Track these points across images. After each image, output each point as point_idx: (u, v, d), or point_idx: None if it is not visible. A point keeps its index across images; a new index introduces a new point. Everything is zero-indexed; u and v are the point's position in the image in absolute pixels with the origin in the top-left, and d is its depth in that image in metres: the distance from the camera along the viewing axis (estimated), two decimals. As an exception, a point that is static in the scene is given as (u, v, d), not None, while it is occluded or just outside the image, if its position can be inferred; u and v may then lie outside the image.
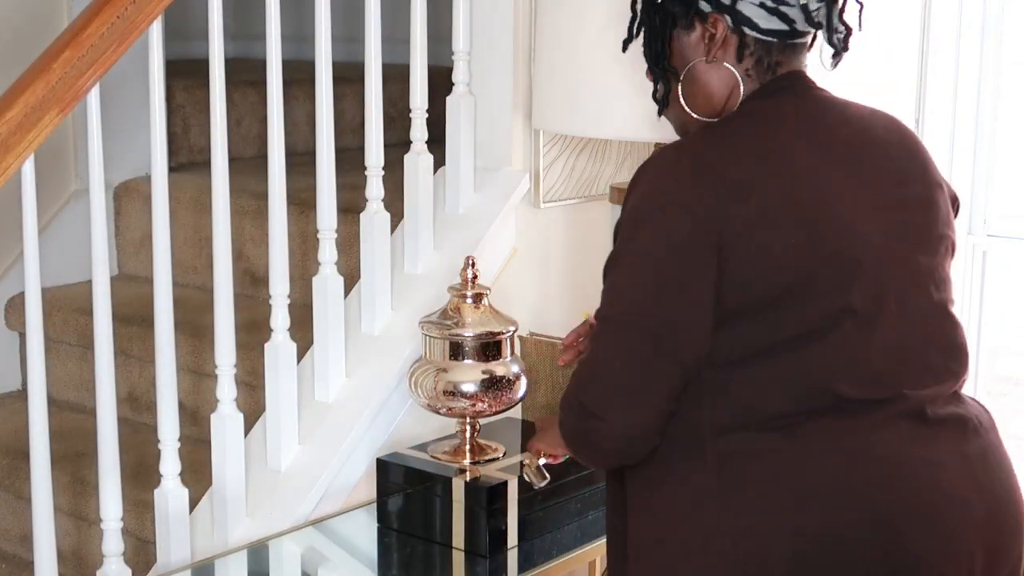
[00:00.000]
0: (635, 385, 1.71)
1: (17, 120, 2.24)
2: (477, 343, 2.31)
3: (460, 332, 2.31)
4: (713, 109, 1.85)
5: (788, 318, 1.69)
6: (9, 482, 2.98)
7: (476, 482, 2.28)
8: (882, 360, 1.73)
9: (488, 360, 2.31)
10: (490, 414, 2.35)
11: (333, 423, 2.59)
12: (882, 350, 1.73)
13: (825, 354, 1.69)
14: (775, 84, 1.82)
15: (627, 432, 1.72)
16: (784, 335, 1.69)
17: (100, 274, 2.36)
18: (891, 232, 1.77)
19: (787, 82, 1.83)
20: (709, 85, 1.84)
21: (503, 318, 2.35)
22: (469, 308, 2.32)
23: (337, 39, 2.61)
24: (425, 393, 2.33)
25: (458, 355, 2.31)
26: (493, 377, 2.31)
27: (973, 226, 3.78)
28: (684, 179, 1.70)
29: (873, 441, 1.70)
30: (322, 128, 2.58)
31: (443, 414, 2.35)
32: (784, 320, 1.69)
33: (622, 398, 1.71)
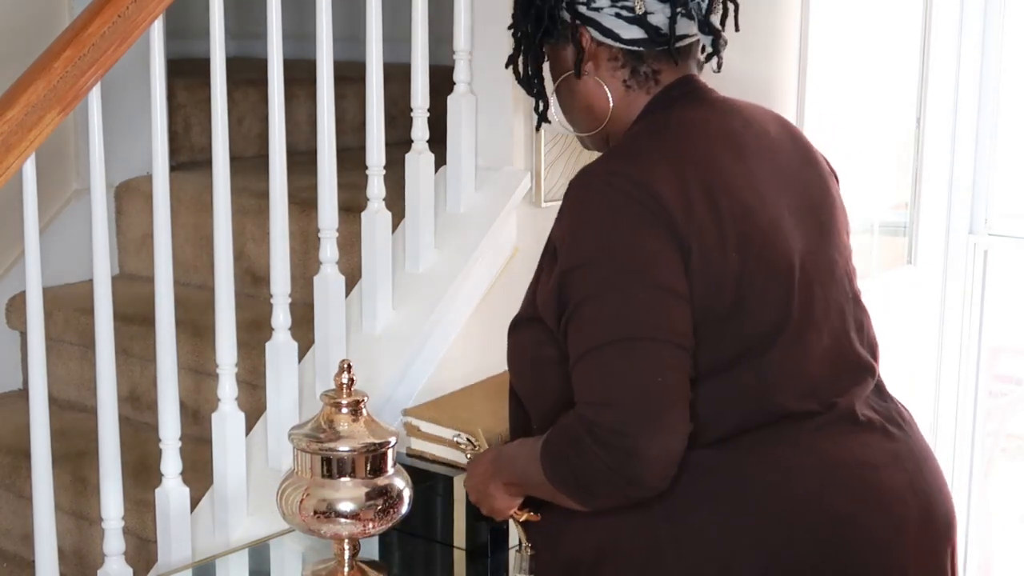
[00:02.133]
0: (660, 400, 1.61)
1: (18, 119, 2.24)
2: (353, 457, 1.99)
3: (333, 446, 1.98)
4: (596, 122, 1.84)
5: (731, 335, 1.69)
6: (10, 481, 2.98)
7: None
8: (818, 368, 1.75)
9: (367, 476, 1.99)
10: (371, 534, 2.03)
11: (334, 422, 2.59)
12: (818, 358, 1.74)
13: (769, 369, 1.71)
14: (669, 93, 1.81)
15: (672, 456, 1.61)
16: (728, 353, 1.69)
17: (101, 273, 2.36)
18: (809, 233, 1.78)
19: (680, 90, 1.81)
20: (587, 98, 1.83)
21: (382, 429, 2.03)
22: (344, 418, 2.00)
23: (338, 38, 2.60)
24: (294, 512, 2.00)
25: (332, 471, 1.98)
26: (372, 494, 1.99)
27: (974, 225, 3.78)
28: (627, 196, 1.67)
29: (819, 450, 1.72)
30: (323, 127, 2.58)
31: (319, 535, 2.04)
32: (727, 337, 1.69)
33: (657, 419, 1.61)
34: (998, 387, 4.21)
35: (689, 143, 1.75)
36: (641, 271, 1.64)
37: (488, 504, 1.90)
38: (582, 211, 1.70)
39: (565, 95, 1.86)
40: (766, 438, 1.71)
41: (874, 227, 3.77)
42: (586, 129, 1.86)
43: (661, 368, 1.61)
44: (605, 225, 1.67)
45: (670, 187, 1.67)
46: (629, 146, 1.77)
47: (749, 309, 1.69)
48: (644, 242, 1.65)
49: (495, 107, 2.85)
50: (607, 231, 1.66)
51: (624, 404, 1.60)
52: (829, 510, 1.70)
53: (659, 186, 1.67)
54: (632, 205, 1.66)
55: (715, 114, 1.80)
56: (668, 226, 1.65)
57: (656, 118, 1.79)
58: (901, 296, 3.77)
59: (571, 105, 1.86)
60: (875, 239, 3.78)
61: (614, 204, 1.67)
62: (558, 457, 1.67)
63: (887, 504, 1.74)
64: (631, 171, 1.69)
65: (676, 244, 1.65)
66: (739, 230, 1.69)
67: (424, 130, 2.77)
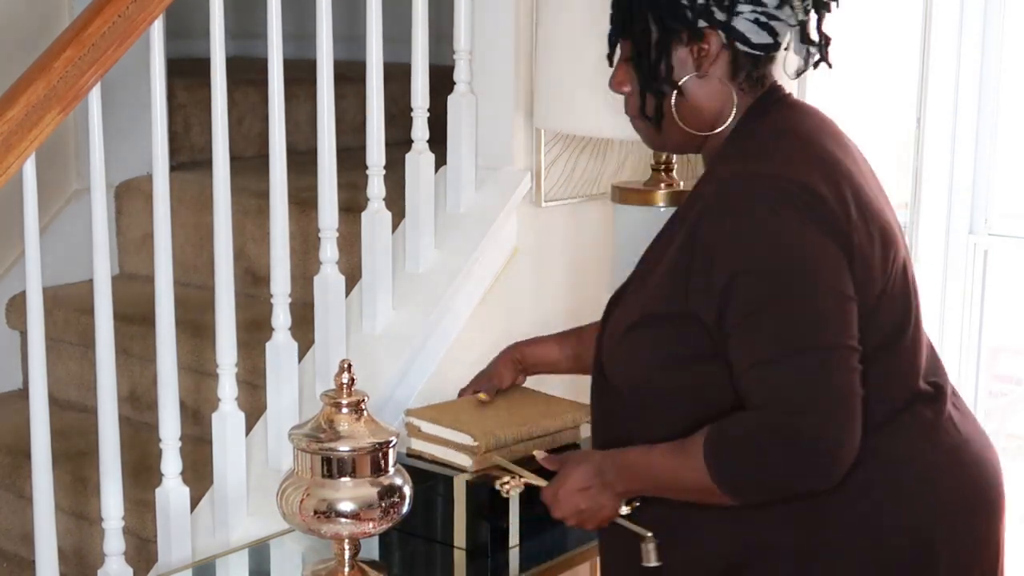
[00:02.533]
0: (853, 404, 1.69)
1: (18, 119, 2.24)
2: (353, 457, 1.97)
3: (333, 446, 1.97)
4: (703, 124, 1.85)
5: (874, 327, 1.76)
6: (10, 481, 2.98)
7: (478, 482, 2.27)
8: (927, 352, 1.86)
9: (367, 476, 1.98)
10: (371, 534, 2.03)
11: (334, 422, 2.59)
12: (926, 343, 1.86)
13: (902, 356, 1.81)
14: (769, 97, 1.85)
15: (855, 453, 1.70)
16: (870, 344, 1.75)
17: (101, 273, 2.36)
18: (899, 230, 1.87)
19: (777, 94, 1.87)
20: (699, 100, 1.84)
21: (383, 429, 2.02)
22: (344, 418, 1.99)
23: (338, 38, 2.61)
24: (294, 512, 1.99)
25: (332, 471, 1.97)
26: (372, 494, 1.98)
27: (974, 225, 3.77)
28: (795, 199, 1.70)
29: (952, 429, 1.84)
30: (323, 127, 2.58)
31: (319, 535, 2.03)
32: (872, 329, 1.75)
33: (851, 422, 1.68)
34: (998, 387, 4.21)
35: (819, 146, 1.80)
36: (821, 277, 1.69)
37: (596, 517, 1.90)
38: (748, 213, 1.71)
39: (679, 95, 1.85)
40: (907, 421, 1.80)
41: (874, 227, 3.77)
42: (698, 129, 1.85)
43: (850, 373, 1.68)
44: (777, 229, 1.69)
45: (828, 189, 1.72)
46: (765, 148, 1.79)
47: (887, 302, 1.78)
48: (818, 246, 1.69)
49: (495, 107, 2.85)
50: (780, 235, 1.69)
51: (822, 410, 1.67)
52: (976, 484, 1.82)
53: (820, 188, 1.71)
54: (801, 209, 1.70)
55: (816, 117, 1.86)
56: (834, 229, 1.71)
57: (770, 121, 1.83)
58: (901, 296, 3.76)
59: (681, 105, 1.85)
60: (875, 239, 3.78)
61: (783, 207, 1.70)
62: (739, 461, 1.71)
63: (998, 475, 1.87)
64: (790, 173, 1.72)
65: (841, 246, 1.71)
66: (879, 228, 1.77)
67: (424, 130, 2.77)
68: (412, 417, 2.36)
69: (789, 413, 1.67)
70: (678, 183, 2.67)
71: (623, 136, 2.65)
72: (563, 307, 3.00)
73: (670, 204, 2.63)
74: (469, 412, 2.34)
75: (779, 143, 1.79)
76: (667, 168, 2.67)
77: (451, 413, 2.34)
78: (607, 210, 2.91)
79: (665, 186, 2.65)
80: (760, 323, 1.69)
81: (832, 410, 1.67)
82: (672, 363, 1.80)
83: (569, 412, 2.39)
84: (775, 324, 1.69)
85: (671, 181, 2.67)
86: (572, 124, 2.64)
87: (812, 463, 1.67)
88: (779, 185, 1.71)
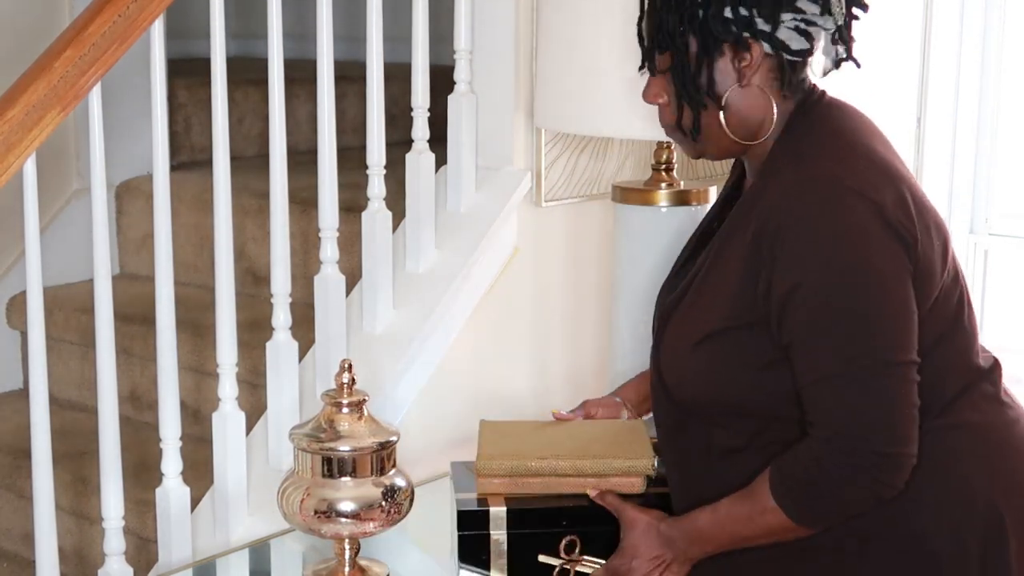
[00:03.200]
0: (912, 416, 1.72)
1: (19, 119, 2.24)
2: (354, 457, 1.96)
3: (334, 446, 1.95)
4: (747, 133, 1.84)
5: (941, 315, 1.79)
6: (11, 481, 2.98)
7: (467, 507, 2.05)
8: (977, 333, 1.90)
9: (369, 475, 1.97)
10: (372, 533, 2.01)
11: (335, 422, 2.59)
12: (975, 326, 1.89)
13: (966, 334, 1.83)
14: (812, 99, 1.85)
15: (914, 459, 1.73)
16: (938, 330, 1.78)
17: (102, 273, 2.36)
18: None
19: (819, 95, 1.86)
20: (742, 109, 1.83)
21: (384, 428, 2.01)
22: (345, 418, 1.98)
23: (339, 38, 2.61)
24: (294, 511, 1.98)
25: (332, 471, 1.96)
26: (373, 494, 1.97)
27: (975, 225, 3.78)
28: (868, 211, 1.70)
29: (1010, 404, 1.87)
30: (324, 127, 2.58)
31: (320, 535, 2.01)
32: (938, 317, 1.78)
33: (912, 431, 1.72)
34: (998, 387, 4.20)
35: (870, 147, 1.80)
36: (888, 287, 1.70)
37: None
38: (815, 220, 1.70)
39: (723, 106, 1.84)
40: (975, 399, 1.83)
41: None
42: (743, 138, 1.84)
43: (912, 387, 1.71)
44: (846, 237, 1.69)
45: (892, 197, 1.72)
46: (823, 152, 1.78)
47: (944, 293, 1.80)
48: (887, 256, 1.70)
49: (495, 107, 2.85)
50: (849, 244, 1.69)
51: (887, 427, 1.70)
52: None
53: (883, 196, 1.71)
54: (870, 215, 1.69)
55: (857, 116, 1.86)
56: (899, 235, 1.71)
57: (818, 123, 1.83)
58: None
59: (727, 116, 1.83)
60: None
61: (851, 214, 1.69)
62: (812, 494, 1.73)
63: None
64: (855, 178, 1.72)
65: (906, 252, 1.71)
66: (934, 224, 1.78)
67: (424, 130, 2.77)
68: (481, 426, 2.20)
69: (854, 431, 1.70)
70: (679, 183, 2.67)
71: (623, 136, 2.65)
72: (563, 307, 3.00)
73: (671, 204, 2.63)
74: (519, 433, 2.16)
75: (836, 147, 1.78)
76: (668, 168, 2.67)
77: (508, 430, 2.17)
78: (607, 210, 2.91)
79: (666, 186, 2.65)
80: (826, 335, 1.70)
81: (896, 424, 1.69)
82: (746, 373, 1.79)
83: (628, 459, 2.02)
84: (840, 337, 1.69)
85: (672, 181, 2.67)
86: (572, 124, 2.64)
87: (883, 478, 1.70)
88: (845, 191, 1.70)
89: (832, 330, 1.70)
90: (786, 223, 1.71)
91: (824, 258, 1.69)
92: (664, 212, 2.63)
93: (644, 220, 2.64)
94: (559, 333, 3.01)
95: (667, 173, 2.68)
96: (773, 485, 1.74)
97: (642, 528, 1.90)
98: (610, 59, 2.45)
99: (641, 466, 1.99)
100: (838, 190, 1.70)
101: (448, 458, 2.34)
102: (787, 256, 1.70)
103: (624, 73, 2.43)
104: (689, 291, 1.87)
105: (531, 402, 2.87)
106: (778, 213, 1.72)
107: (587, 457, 2.01)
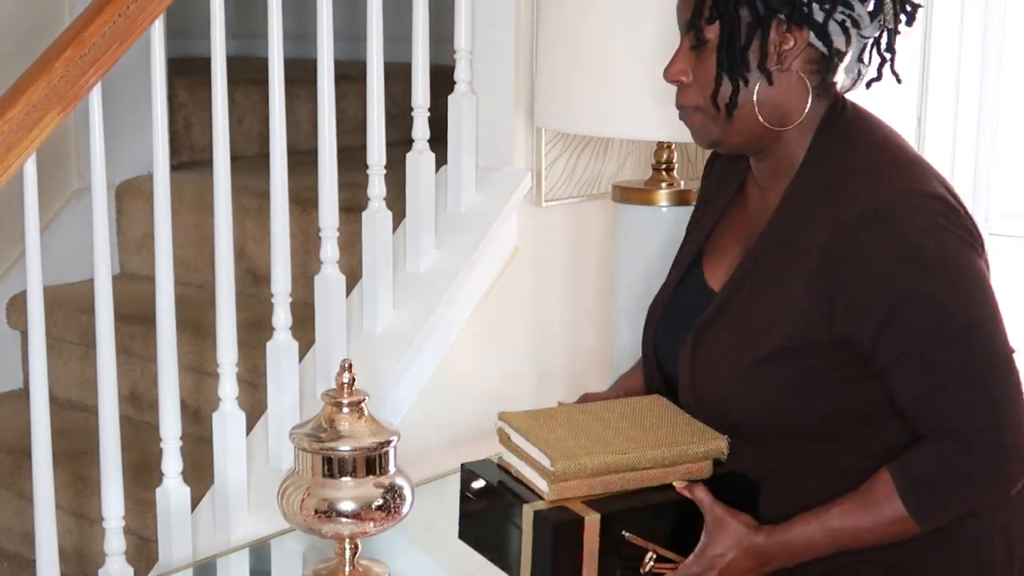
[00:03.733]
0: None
1: (19, 119, 2.24)
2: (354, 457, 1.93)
3: (334, 446, 1.93)
4: (779, 120, 1.78)
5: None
6: (11, 481, 2.98)
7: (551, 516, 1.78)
8: None
9: (368, 475, 1.95)
10: (373, 533, 1.99)
11: (335, 422, 2.59)
12: None
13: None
14: (843, 106, 1.82)
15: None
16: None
17: (102, 273, 2.36)
18: None
19: (845, 103, 1.83)
20: (778, 93, 1.76)
21: (384, 428, 1.98)
22: (345, 418, 1.96)
23: (339, 37, 2.61)
24: (295, 511, 1.97)
25: (333, 471, 1.94)
26: (373, 494, 1.94)
27: (975, 225, 3.78)
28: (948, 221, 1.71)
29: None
30: (324, 126, 2.58)
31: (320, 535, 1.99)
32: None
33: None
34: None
35: (916, 156, 1.79)
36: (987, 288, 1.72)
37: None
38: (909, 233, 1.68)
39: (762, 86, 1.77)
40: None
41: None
42: (772, 123, 1.77)
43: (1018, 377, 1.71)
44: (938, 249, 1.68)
45: (955, 200, 1.73)
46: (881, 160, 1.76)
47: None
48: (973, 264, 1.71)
49: (496, 106, 2.85)
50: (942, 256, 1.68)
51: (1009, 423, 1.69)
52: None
53: (951, 200, 1.72)
54: (950, 225, 1.70)
55: (884, 124, 1.85)
56: (975, 241, 1.74)
57: (868, 132, 1.81)
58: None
59: (763, 98, 1.76)
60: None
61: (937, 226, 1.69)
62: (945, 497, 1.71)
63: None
64: (927, 188, 1.71)
65: (981, 257, 1.75)
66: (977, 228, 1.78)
67: (425, 129, 2.77)
68: (504, 423, 1.94)
69: (979, 430, 1.68)
70: (679, 183, 2.67)
71: (624, 135, 2.65)
72: (563, 307, 3.00)
73: (671, 204, 2.63)
74: (568, 424, 1.90)
75: (901, 158, 1.77)
76: (668, 168, 2.67)
77: (547, 424, 1.91)
78: (608, 210, 2.91)
79: (666, 186, 2.65)
80: (947, 340, 1.68)
81: (1014, 418, 1.68)
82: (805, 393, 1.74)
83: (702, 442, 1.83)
84: (962, 340, 1.68)
85: (672, 181, 2.67)
86: (572, 124, 2.64)
87: (1012, 468, 1.69)
88: (926, 201, 1.70)
89: (945, 340, 1.68)
90: (874, 239, 1.68)
91: (928, 268, 1.67)
92: (664, 212, 2.63)
93: (644, 220, 2.64)
94: (559, 333, 3.01)
95: (667, 173, 2.68)
96: (904, 494, 1.69)
97: (733, 536, 1.74)
98: (611, 59, 2.45)
99: (715, 448, 1.81)
100: (921, 201, 1.69)
101: (448, 458, 2.34)
102: (882, 271, 1.67)
103: (624, 72, 2.43)
104: (725, 310, 1.80)
105: (531, 402, 2.87)
106: (862, 228, 1.68)
107: (661, 445, 1.81)
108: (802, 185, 1.78)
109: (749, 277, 1.79)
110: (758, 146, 1.81)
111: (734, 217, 1.91)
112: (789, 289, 1.73)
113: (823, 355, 1.73)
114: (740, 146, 1.82)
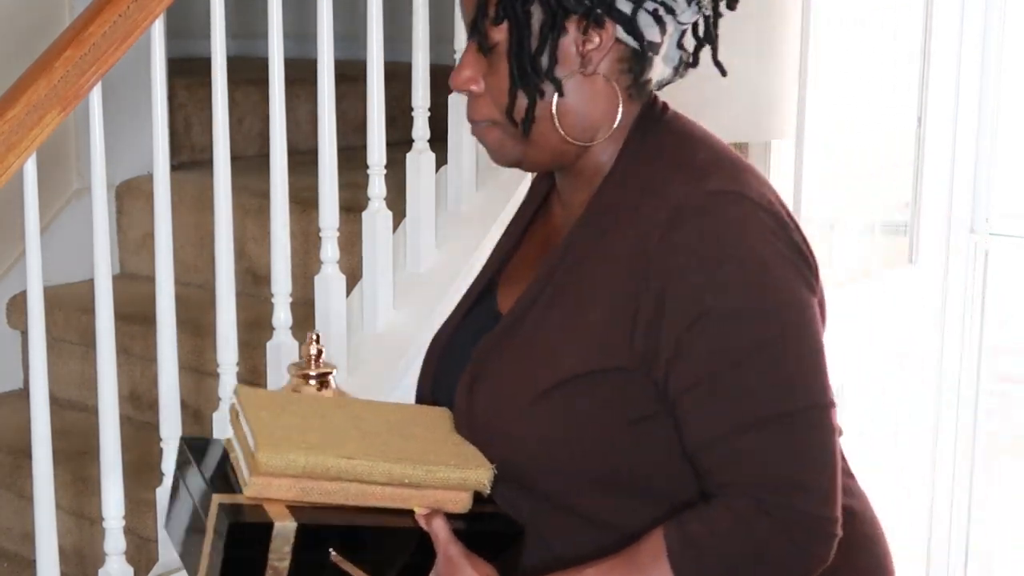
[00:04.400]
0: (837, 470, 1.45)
1: (19, 119, 2.24)
2: None
3: None
4: (582, 132, 1.49)
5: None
6: (11, 480, 2.98)
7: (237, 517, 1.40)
8: None
9: None
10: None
11: (335, 422, 2.59)
12: None
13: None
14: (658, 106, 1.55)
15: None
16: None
17: (102, 273, 2.36)
18: None
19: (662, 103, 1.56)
20: (581, 103, 1.48)
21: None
22: (311, 390, 1.82)
23: (339, 37, 2.61)
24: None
25: None
26: None
27: (975, 224, 3.78)
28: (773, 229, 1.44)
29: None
30: (324, 126, 2.58)
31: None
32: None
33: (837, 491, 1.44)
34: (998, 387, 4.21)
35: (748, 163, 1.52)
36: (809, 319, 1.43)
37: None
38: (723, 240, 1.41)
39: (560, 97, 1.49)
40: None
41: (875, 226, 3.78)
42: (576, 138, 1.49)
43: (833, 435, 1.44)
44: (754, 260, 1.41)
45: (782, 208, 1.47)
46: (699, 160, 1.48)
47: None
48: (796, 282, 1.43)
49: (496, 106, 2.85)
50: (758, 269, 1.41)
51: (817, 484, 1.41)
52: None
53: (777, 207, 1.46)
54: (781, 239, 1.44)
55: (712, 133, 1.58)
56: (803, 259, 1.46)
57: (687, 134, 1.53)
58: (902, 295, 3.77)
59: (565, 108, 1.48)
60: (876, 238, 3.79)
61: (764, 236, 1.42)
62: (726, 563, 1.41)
63: None
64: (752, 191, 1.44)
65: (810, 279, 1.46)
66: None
67: (425, 129, 2.77)
68: (237, 399, 1.56)
69: (780, 490, 1.40)
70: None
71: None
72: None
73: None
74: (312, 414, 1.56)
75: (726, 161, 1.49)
76: (668, 168, 2.66)
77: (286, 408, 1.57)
78: (608, 210, 2.91)
79: (666, 186, 2.64)
80: (737, 379, 1.40)
81: (825, 481, 1.41)
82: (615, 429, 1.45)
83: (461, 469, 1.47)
84: (755, 381, 1.40)
85: (672, 181, 2.66)
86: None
87: (815, 545, 1.42)
88: (754, 207, 1.43)
89: (747, 371, 1.40)
90: (685, 240, 1.41)
91: (744, 281, 1.40)
92: (664, 212, 2.63)
93: (644, 220, 2.64)
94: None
95: (667, 173, 2.67)
96: (674, 555, 1.40)
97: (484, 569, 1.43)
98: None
99: (475, 479, 1.46)
100: (746, 206, 1.43)
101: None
102: (689, 278, 1.40)
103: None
104: (514, 330, 1.51)
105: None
106: (674, 228, 1.41)
107: (404, 461, 1.45)
108: (609, 194, 1.50)
109: (541, 295, 1.50)
110: (566, 162, 1.53)
111: (535, 238, 1.64)
112: (588, 305, 1.45)
113: (619, 387, 1.44)
114: (546, 164, 1.54)
